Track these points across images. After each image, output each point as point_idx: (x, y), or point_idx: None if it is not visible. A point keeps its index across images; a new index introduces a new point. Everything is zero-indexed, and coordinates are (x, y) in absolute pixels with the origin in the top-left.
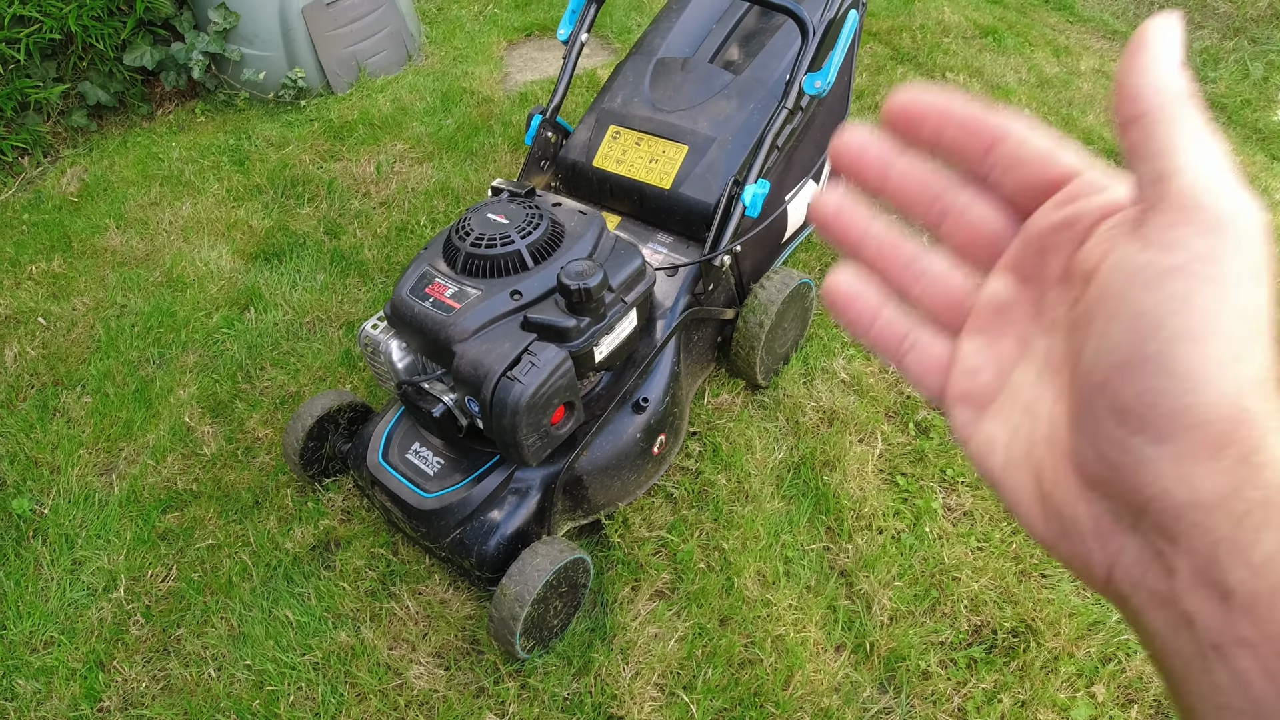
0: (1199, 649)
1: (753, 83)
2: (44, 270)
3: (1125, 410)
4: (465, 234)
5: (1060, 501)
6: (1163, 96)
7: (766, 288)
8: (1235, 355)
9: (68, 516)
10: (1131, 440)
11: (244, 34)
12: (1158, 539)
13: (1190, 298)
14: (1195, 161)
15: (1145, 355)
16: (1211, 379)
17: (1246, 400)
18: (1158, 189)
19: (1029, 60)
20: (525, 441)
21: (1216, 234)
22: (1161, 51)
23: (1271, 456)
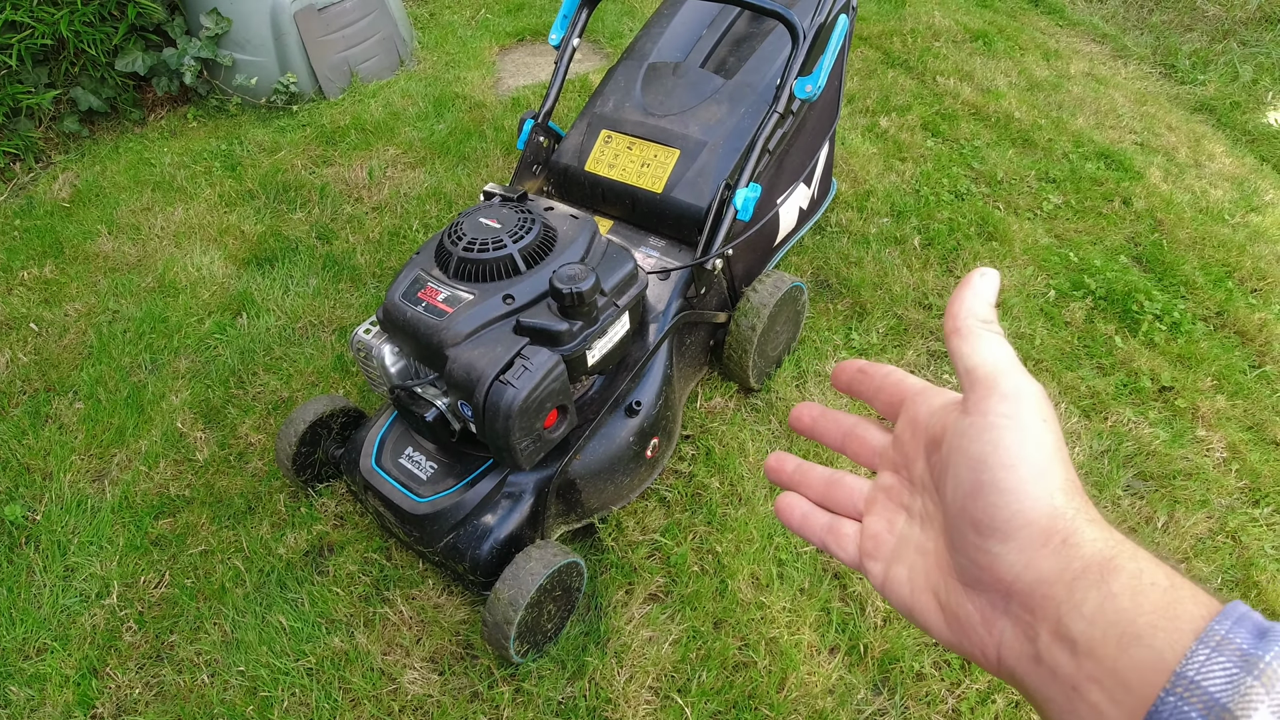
0: (1064, 694)
1: (744, 87)
2: (36, 276)
3: (978, 523)
4: (458, 238)
5: (955, 606)
6: (974, 319)
7: (759, 291)
8: (1040, 472)
9: (60, 523)
10: (987, 544)
11: (236, 39)
12: (1022, 613)
13: (1002, 440)
14: (992, 357)
15: (982, 482)
16: (1027, 491)
17: (1055, 502)
18: (970, 378)
19: (1019, 64)
20: (518, 445)
21: (1011, 400)
22: (980, 291)
23: (1083, 538)
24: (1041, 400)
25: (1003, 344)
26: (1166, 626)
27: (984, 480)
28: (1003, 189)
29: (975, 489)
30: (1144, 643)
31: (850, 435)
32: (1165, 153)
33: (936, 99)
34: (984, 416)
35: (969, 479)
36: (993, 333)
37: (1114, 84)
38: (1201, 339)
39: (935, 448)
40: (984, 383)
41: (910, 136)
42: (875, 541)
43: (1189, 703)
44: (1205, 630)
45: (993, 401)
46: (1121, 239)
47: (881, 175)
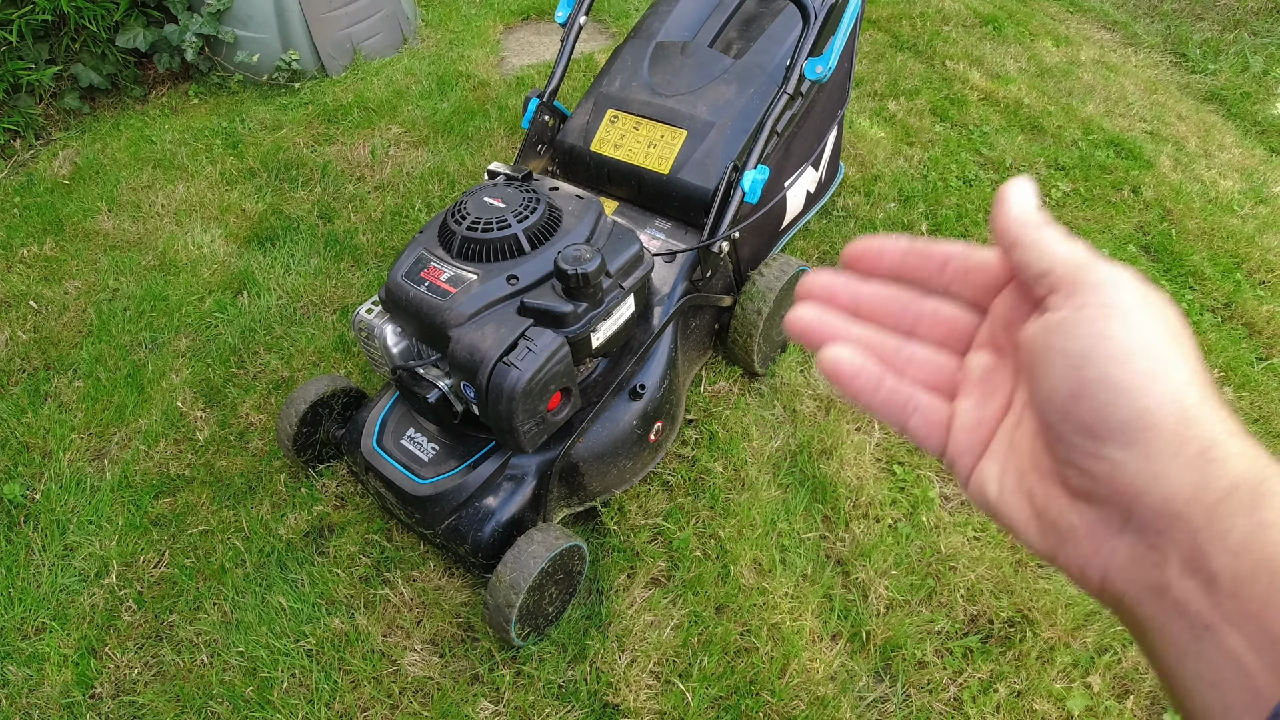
0: (1193, 632)
1: (753, 67)
2: (35, 253)
3: (1089, 427)
4: (461, 218)
5: (1055, 516)
6: (1023, 225)
7: (764, 275)
8: (1158, 365)
9: (59, 502)
10: (1103, 449)
11: (238, 16)
12: (1147, 534)
13: (1104, 331)
14: (1066, 253)
15: (1087, 380)
16: (1146, 387)
17: (1185, 400)
18: (1047, 280)
19: (1029, 49)
20: (521, 427)
21: (1104, 288)
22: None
23: (1226, 451)
24: (1141, 284)
25: (1070, 238)
26: None
27: (1090, 378)
28: (1011, 175)
29: (1080, 390)
30: None
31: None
32: (1175, 142)
33: (945, 84)
34: (1078, 310)
35: (1069, 380)
36: (1053, 229)
37: (1124, 72)
38: (1209, 330)
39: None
40: (1067, 279)
41: (919, 121)
42: (970, 434)
43: None
44: None
45: (1084, 293)
46: (1130, 228)
47: (889, 160)
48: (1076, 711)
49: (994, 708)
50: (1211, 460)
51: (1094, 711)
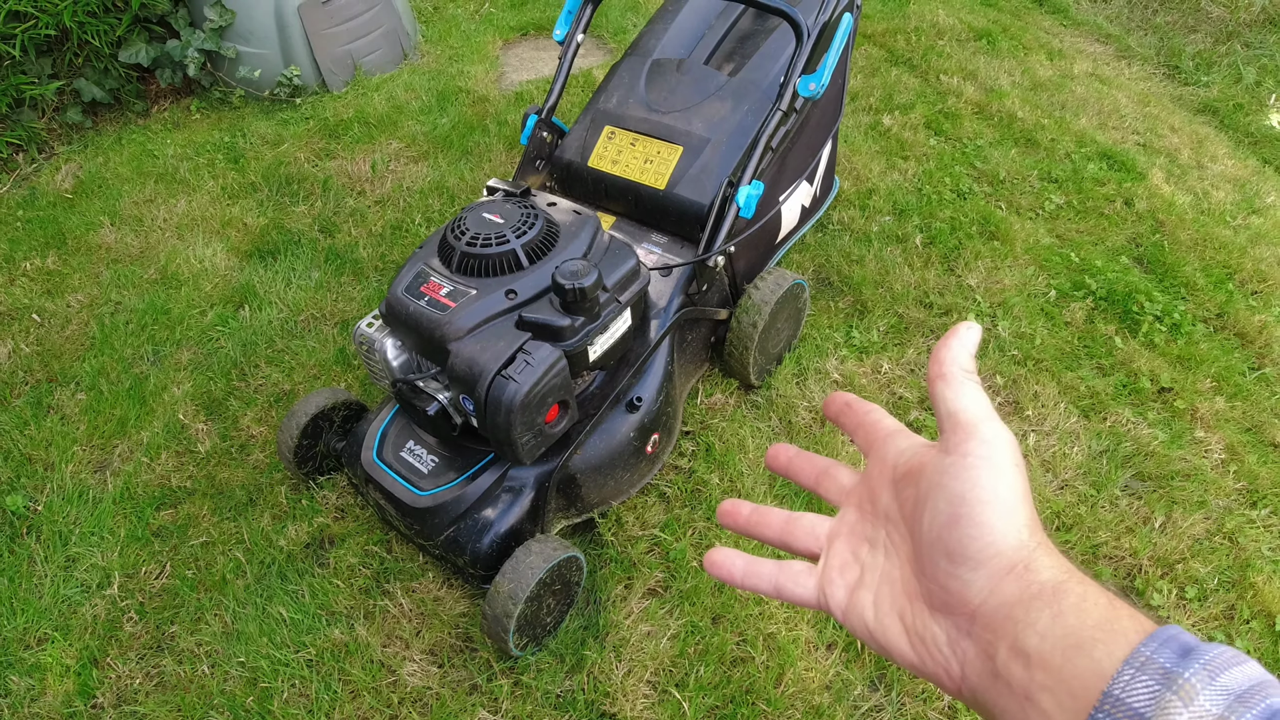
0: (1019, 702)
1: (747, 84)
2: (38, 267)
3: (952, 552)
4: (460, 233)
5: (921, 629)
6: (958, 368)
7: (760, 288)
8: (1011, 510)
9: (61, 513)
10: (959, 571)
11: (240, 31)
12: (984, 633)
13: (980, 479)
14: (973, 405)
15: (958, 515)
16: (999, 526)
17: (1022, 536)
18: (952, 421)
19: (1023, 63)
20: (519, 440)
21: (989, 444)
22: (964, 342)
23: (1040, 566)
24: (1014, 447)
25: (982, 393)
26: (1105, 639)
27: (961, 514)
28: (1005, 188)
29: (952, 521)
30: (1086, 652)
31: (824, 475)
32: (1168, 154)
33: (940, 98)
34: (964, 457)
35: (947, 511)
36: (974, 382)
37: (1117, 84)
38: (1201, 340)
39: (906, 482)
40: (965, 427)
41: (913, 135)
42: (841, 570)
43: (1115, 718)
44: (1132, 652)
45: (973, 444)
46: (1123, 240)
47: (884, 174)
48: None
49: None
50: (1031, 572)
51: None
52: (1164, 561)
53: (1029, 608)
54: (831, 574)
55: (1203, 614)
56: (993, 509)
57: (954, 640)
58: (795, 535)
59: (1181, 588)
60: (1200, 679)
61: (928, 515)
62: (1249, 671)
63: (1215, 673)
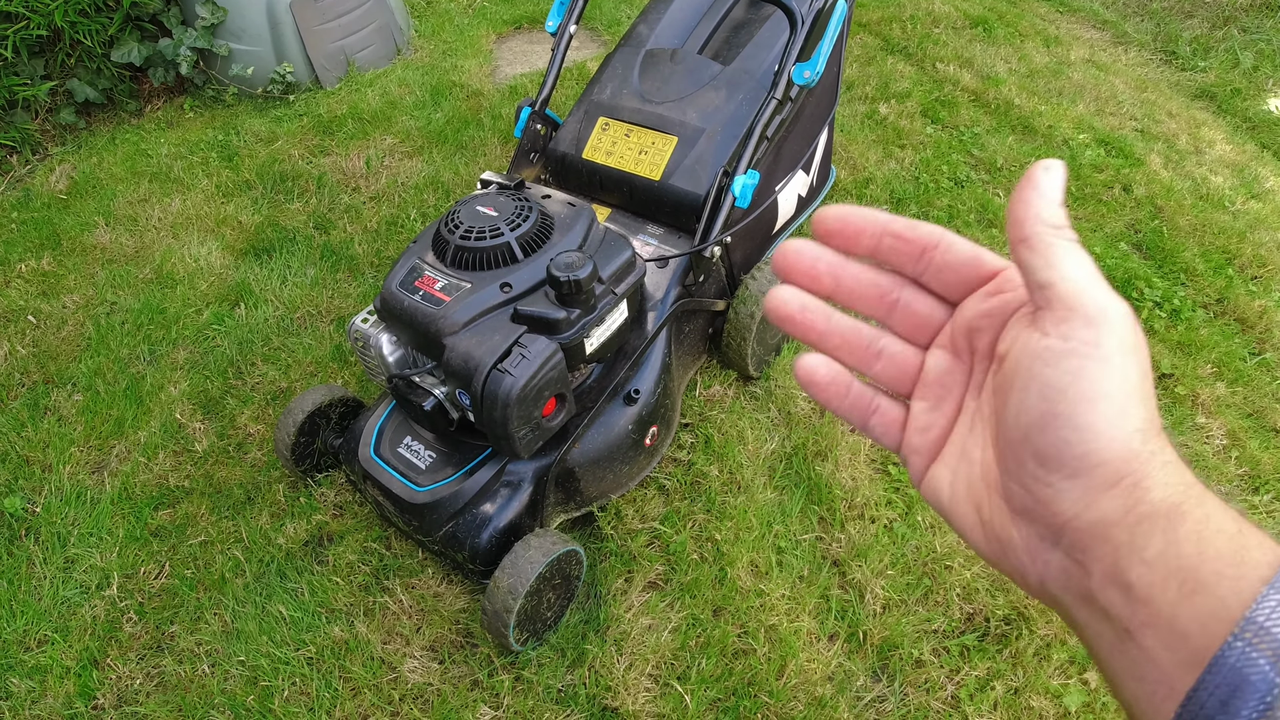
0: (1116, 634)
1: (741, 74)
2: (33, 268)
3: (1044, 455)
4: (455, 227)
5: (998, 527)
6: (1043, 225)
7: (757, 279)
8: (1120, 412)
9: (60, 515)
10: (1050, 478)
11: (232, 29)
12: (1075, 551)
13: (1083, 371)
14: (1071, 272)
15: (1056, 413)
16: (1105, 431)
17: (1133, 444)
18: (1045, 294)
19: (1019, 50)
20: (517, 434)
21: (1095, 325)
22: (1045, 190)
23: (1155, 481)
24: (1129, 325)
25: (1081, 254)
26: (1232, 574)
27: (1059, 412)
28: (1002, 176)
29: (1046, 420)
30: (1208, 590)
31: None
32: (1166, 139)
33: (936, 85)
34: (1065, 341)
35: (1039, 408)
36: (1069, 240)
37: (1114, 70)
38: (1201, 326)
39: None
40: (1064, 301)
41: (910, 123)
42: (922, 436)
43: (1257, 649)
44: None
45: (1075, 325)
46: (1121, 226)
47: (881, 162)
48: (1073, 708)
49: (991, 705)
50: (1141, 489)
51: (1091, 708)
52: None
53: (1135, 531)
54: (912, 436)
55: None
56: (1099, 409)
57: (1034, 550)
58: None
59: None
60: None
61: (1014, 405)
62: None
63: None
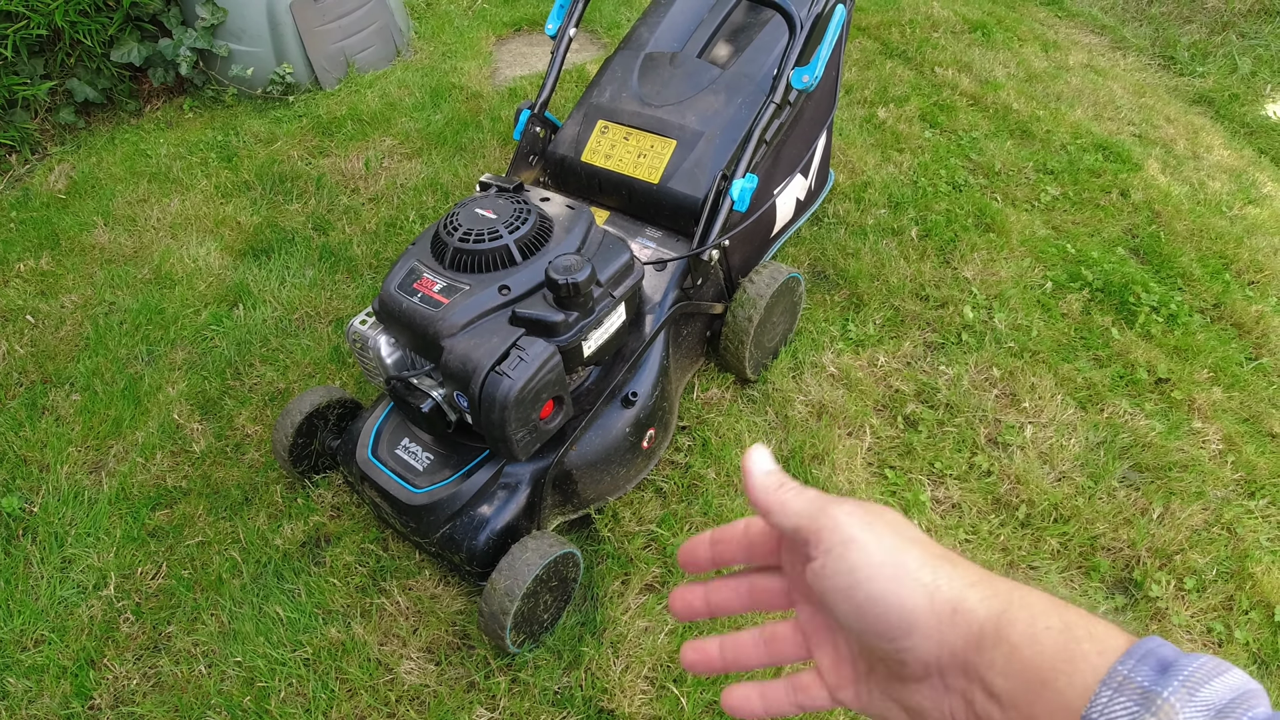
0: None
1: (741, 77)
2: (32, 268)
3: (879, 633)
4: (453, 229)
5: (909, 702)
6: (766, 492)
7: (755, 282)
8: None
9: (57, 514)
10: (898, 644)
11: (232, 30)
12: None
13: (852, 563)
14: (802, 508)
15: (859, 605)
16: (898, 590)
17: (924, 579)
18: (798, 535)
19: (1017, 55)
20: (514, 436)
21: (838, 529)
22: (757, 469)
23: (970, 603)
24: (859, 510)
25: (801, 490)
26: (1067, 670)
27: (860, 601)
28: (1000, 180)
29: (858, 612)
30: (1051, 688)
31: (753, 586)
32: (1163, 144)
33: (935, 90)
34: (827, 554)
35: (848, 607)
36: (790, 487)
37: (1113, 75)
38: (1198, 331)
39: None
40: (810, 529)
41: (908, 127)
42: (833, 670)
43: None
44: (1109, 672)
45: (824, 538)
46: (1119, 231)
47: (879, 166)
48: None
49: None
50: (963, 613)
51: None
52: (1162, 553)
53: (980, 650)
54: (831, 678)
55: (1201, 605)
56: (881, 577)
57: (938, 701)
58: (782, 653)
59: (1180, 579)
60: (1180, 697)
61: (840, 615)
62: (1231, 682)
63: (1196, 688)
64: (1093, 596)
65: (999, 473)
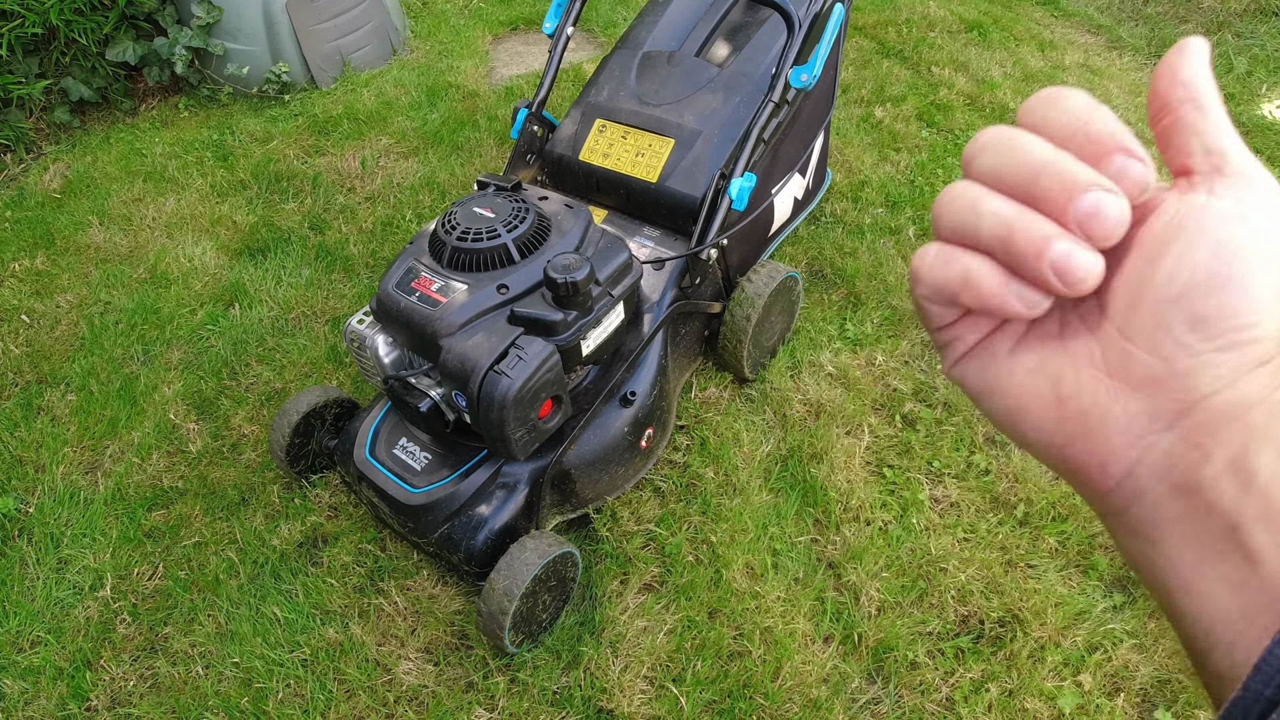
0: (1217, 533)
1: (739, 76)
2: (27, 267)
3: (1202, 321)
4: (451, 228)
5: (1086, 403)
6: (1209, 93)
7: (753, 281)
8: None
9: (53, 515)
10: (1201, 346)
11: (227, 28)
12: (1196, 433)
13: (1262, 238)
14: (1240, 147)
15: (1229, 276)
16: (1272, 304)
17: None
18: (1213, 160)
19: (1014, 55)
20: (513, 436)
21: (1270, 194)
22: (1205, 61)
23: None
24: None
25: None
26: None
27: (1233, 275)
28: None
29: (1216, 282)
30: None
31: None
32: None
33: (931, 89)
34: (1239, 205)
35: (1209, 267)
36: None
37: (1109, 75)
38: None
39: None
40: (1238, 171)
41: (905, 127)
42: None
43: None
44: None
45: (1251, 192)
46: None
47: (876, 165)
48: (1068, 710)
49: (985, 707)
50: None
51: (1085, 710)
52: None
53: (1272, 415)
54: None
55: None
56: (1271, 280)
57: (1138, 431)
58: None
59: None
60: None
61: (1172, 263)
62: None
63: None
64: (1091, 595)
65: (997, 471)
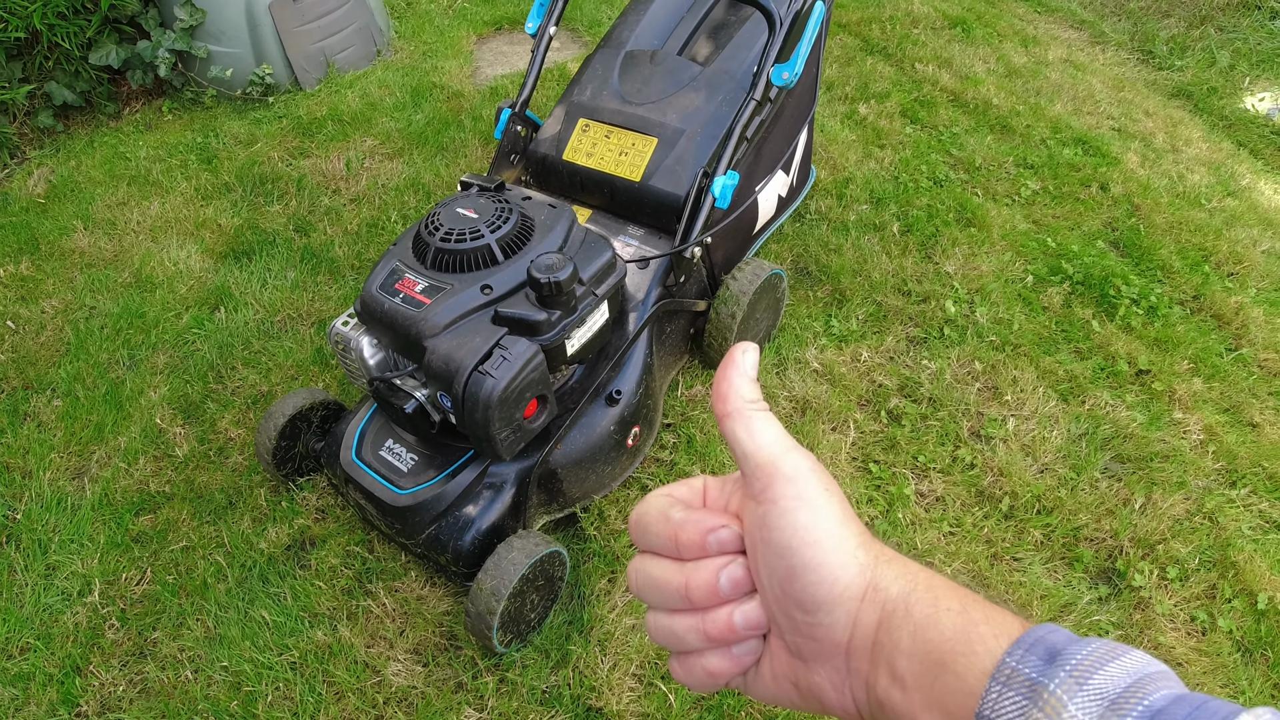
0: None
1: (721, 74)
2: (12, 273)
3: (802, 603)
4: (435, 229)
5: (806, 685)
6: (742, 402)
7: (738, 279)
8: (839, 540)
9: (40, 521)
10: (815, 618)
11: (210, 31)
12: (860, 666)
13: (799, 522)
14: (769, 441)
15: (793, 567)
16: (836, 562)
17: (859, 559)
18: (752, 462)
19: (997, 50)
20: (498, 436)
21: (795, 480)
22: (743, 369)
23: (886, 580)
24: (817, 471)
25: (774, 423)
26: (965, 652)
27: (795, 564)
28: (981, 175)
29: (790, 574)
30: (950, 670)
31: None
32: (1143, 138)
33: (915, 86)
34: (775, 503)
35: (781, 566)
36: (762, 412)
37: (1092, 70)
38: (1178, 322)
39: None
40: (766, 468)
41: (889, 123)
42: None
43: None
44: (998, 665)
45: (779, 486)
46: (1099, 224)
47: (860, 162)
48: None
49: None
50: (879, 591)
51: None
52: (1145, 542)
53: (889, 629)
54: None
55: (1184, 594)
56: (823, 547)
57: (838, 684)
58: None
59: (1163, 568)
60: (1067, 688)
61: (765, 573)
62: (1128, 666)
63: (1085, 677)
64: (1076, 587)
65: (982, 465)
